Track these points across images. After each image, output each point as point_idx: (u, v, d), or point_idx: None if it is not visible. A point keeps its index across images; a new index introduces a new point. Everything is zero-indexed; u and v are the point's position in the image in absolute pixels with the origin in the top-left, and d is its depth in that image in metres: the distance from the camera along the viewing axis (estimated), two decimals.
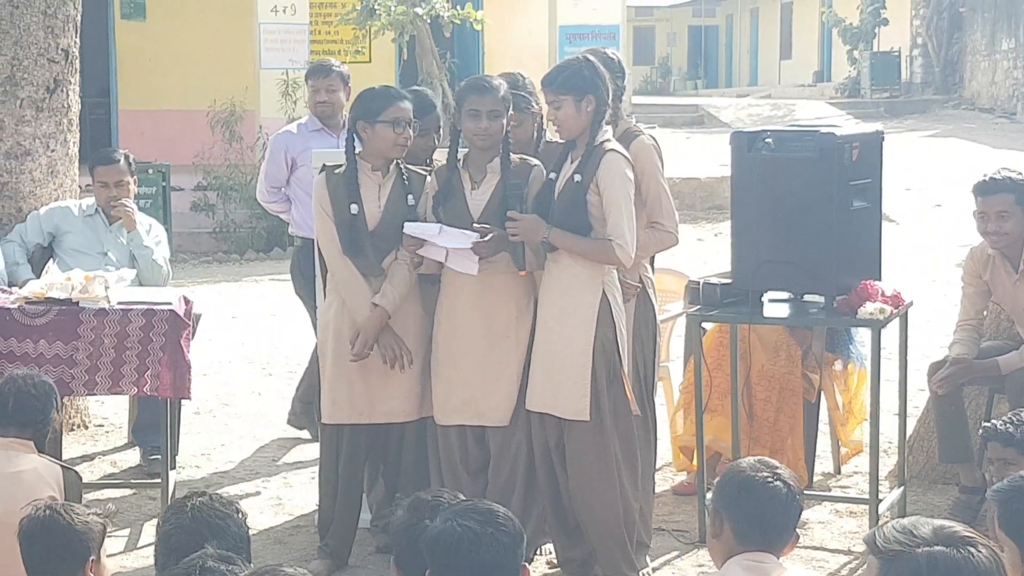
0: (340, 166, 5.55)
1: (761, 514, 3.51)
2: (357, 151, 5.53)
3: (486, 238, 5.25)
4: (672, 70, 45.27)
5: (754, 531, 3.50)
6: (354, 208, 5.46)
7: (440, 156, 5.77)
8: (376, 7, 17.28)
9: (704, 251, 14.16)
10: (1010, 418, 4.50)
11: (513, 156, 5.44)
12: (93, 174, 6.99)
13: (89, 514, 3.70)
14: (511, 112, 5.41)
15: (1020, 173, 6.06)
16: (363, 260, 5.49)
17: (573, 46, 17.10)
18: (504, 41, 19.93)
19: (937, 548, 2.65)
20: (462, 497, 3.39)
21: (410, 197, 5.50)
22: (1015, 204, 5.92)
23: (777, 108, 27.18)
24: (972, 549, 2.65)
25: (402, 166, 5.54)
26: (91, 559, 3.62)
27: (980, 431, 4.59)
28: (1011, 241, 5.98)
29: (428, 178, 5.57)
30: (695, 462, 6.26)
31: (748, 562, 3.46)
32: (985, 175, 6.06)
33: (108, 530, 3.78)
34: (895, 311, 5.77)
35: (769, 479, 3.54)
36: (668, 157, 6.05)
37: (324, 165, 5.64)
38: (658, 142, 5.76)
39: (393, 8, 17.06)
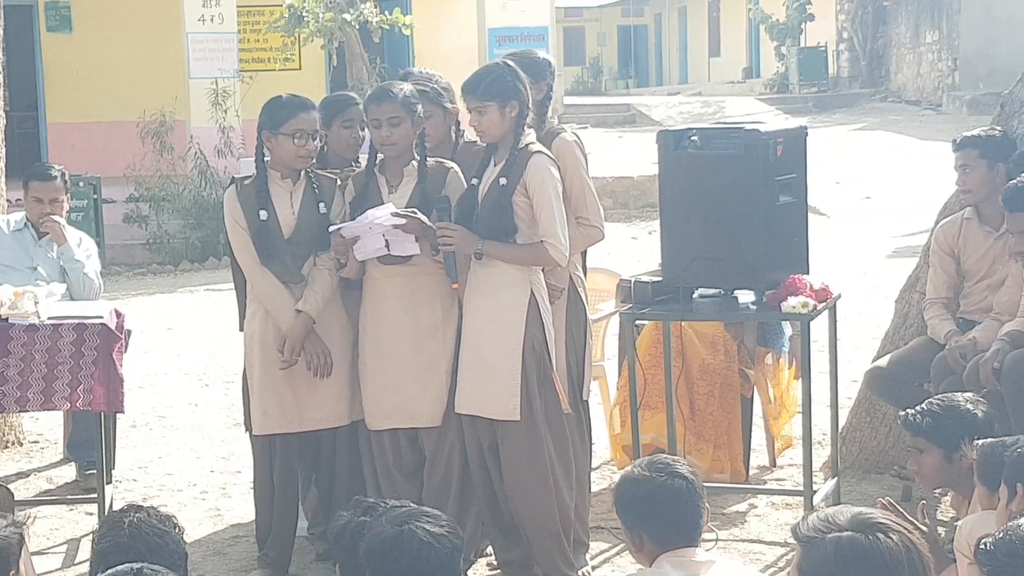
0: (248, 177, 5.55)
1: (672, 515, 3.54)
2: (267, 159, 5.53)
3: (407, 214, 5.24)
4: (603, 70, 45.38)
5: (672, 533, 3.54)
6: (263, 214, 5.45)
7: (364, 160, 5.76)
8: (304, 14, 17.25)
9: (638, 249, 14.23)
10: (922, 407, 4.52)
11: (429, 160, 5.44)
12: (27, 188, 6.92)
13: (6, 526, 3.65)
14: (418, 108, 5.38)
15: (994, 129, 6.13)
16: (282, 267, 5.48)
17: (502, 48, 17.10)
18: (433, 45, 19.95)
19: (845, 534, 2.70)
20: (406, 503, 3.40)
21: (321, 205, 5.49)
22: (978, 158, 5.94)
23: (707, 105, 27.35)
24: (880, 535, 2.70)
25: (311, 173, 5.54)
26: (11, 573, 3.58)
27: (899, 420, 4.64)
28: (977, 198, 5.97)
29: (339, 182, 5.55)
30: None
31: (678, 559, 3.50)
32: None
33: (27, 538, 3.74)
34: (820, 305, 5.83)
35: (667, 480, 3.56)
36: (601, 157, 6.10)
37: (233, 178, 5.65)
38: (580, 139, 5.78)
39: (321, 15, 17.04)
